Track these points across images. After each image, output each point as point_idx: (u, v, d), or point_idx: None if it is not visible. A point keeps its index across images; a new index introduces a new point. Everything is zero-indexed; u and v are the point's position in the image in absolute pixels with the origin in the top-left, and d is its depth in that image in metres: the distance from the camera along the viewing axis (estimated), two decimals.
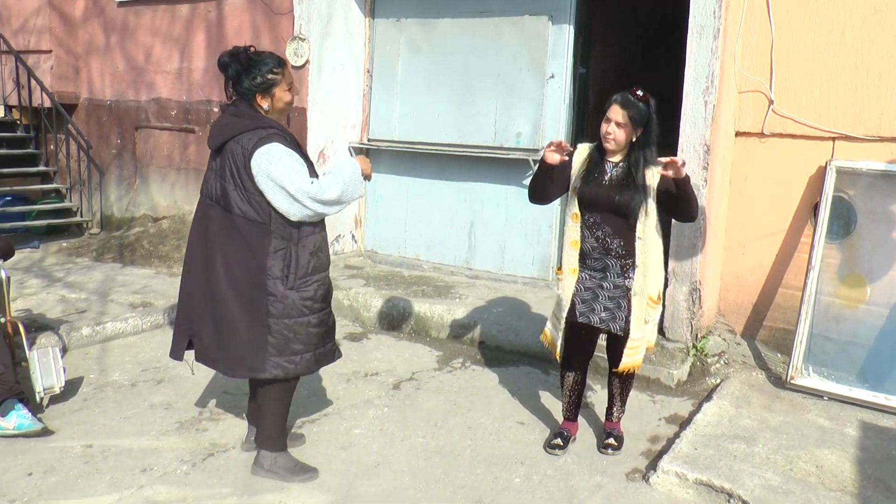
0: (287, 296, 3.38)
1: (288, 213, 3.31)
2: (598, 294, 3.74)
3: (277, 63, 3.39)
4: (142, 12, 8.66)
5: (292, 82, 3.49)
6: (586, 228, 3.73)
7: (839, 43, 4.95)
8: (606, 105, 3.63)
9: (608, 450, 3.93)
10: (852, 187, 4.92)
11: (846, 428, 4.22)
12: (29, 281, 6.71)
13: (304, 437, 3.98)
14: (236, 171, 3.31)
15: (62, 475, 3.55)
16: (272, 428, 3.60)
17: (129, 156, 9.08)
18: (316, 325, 3.49)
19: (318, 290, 3.48)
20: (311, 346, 3.48)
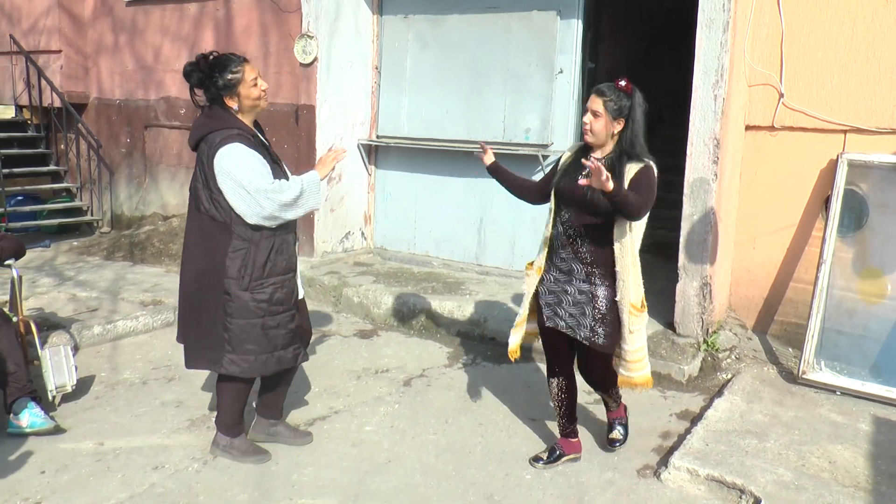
0: (241, 297, 3.45)
1: (244, 215, 3.37)
2: (561, 299, 3.56)
3: (237, 62, 3.44)
4: (150, 11, 8.67)
5: (257, 77, 3.49)
6: (560, 225, 3.55)
7: (850, 34, 4.91)
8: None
9: (615, 444, 3.87)
10: (864, 180, 4.89)
11: (859, 423, 4.19)
12: (41, 280, 6.74)
13: (311, 436, 3.98)
14: (203, 170, 3.42)
15: (74, 473, 3.57)
16: (227, 416, 3.72)
17: (139, 155, 9.11)
18: (273, 328, 3.52)
19: (276, 292, 3.51)
20: (267, 348, 3.53)
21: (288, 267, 3.55)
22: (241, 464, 3.67)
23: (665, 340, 5.10)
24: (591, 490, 3.52)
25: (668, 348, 5.00)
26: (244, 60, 3.48)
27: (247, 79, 3.44)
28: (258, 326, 3.49)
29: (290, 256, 3.57)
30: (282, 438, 3.89)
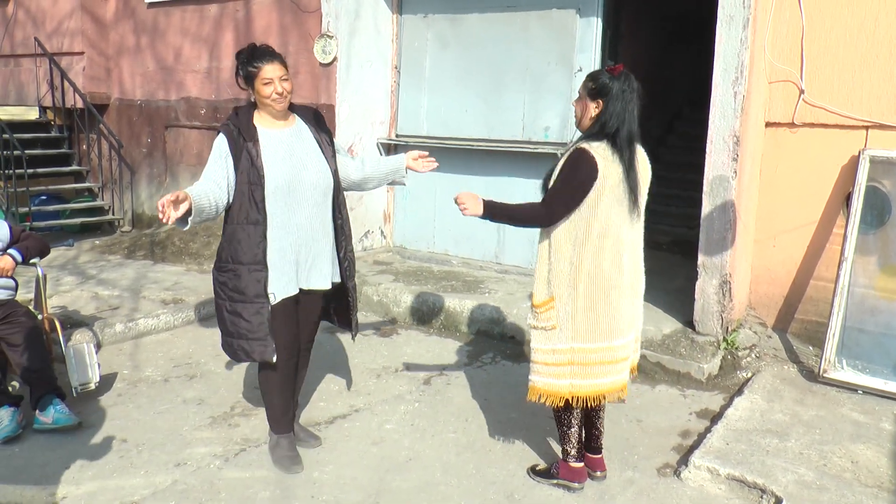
0: (213, 275, 3.61)
1: None
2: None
3: (260, 58, 3.46)
4: (171, 13, 8.75)
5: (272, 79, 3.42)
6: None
7: (873, 29, 4.86)
8: None
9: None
10: (886, 177, 4.84)
11: (882, 423, 4.15)
12: (64, 278, 6.82)
13: (319, 439, 3.93)
14: None
15: (98, 469, 3.61)
16: (266, 408, 3.78)
17: (160, 154, 9.19)
18: (232, 314, 3.54)
19: (232, 279, 3.50)
20: (229, 331, 3.58)
21: (253, 259, 3.45)
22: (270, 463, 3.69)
23: (685, 339, 5.08)
24: (611, 489, 3.52)
25: (688, 346, 4.98)
26: (271, 58, 3.46)
27: (262, 76, 3.44)
28: (222, 308, 3.57)
29: (249, 249, 3.45)
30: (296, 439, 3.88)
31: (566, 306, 3.20)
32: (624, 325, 3.27)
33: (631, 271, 3.28)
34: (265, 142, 3.49)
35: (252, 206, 3.44)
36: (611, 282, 3.19)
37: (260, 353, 3.53)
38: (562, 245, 3.18)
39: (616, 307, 3.22)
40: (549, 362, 3.27)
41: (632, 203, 3.18)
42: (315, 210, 3.58)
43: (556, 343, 3.25)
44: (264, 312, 3.49)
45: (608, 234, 3.16)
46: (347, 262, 3.76)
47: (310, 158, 3.57)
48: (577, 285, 3.18)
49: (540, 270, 3.27)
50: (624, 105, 3.11)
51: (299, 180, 3.50)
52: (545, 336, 3.28)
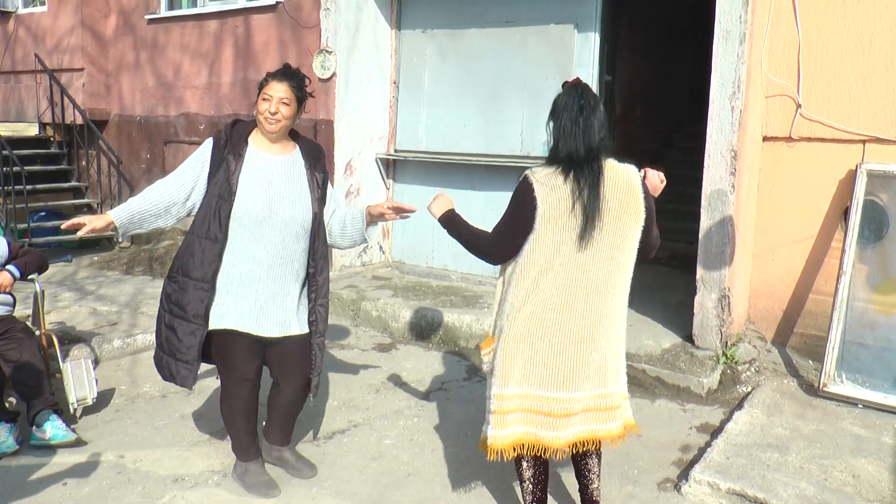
0: (163, 283, 3.47)
1: None
2: None
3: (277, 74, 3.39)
4: (171, 29, 8.80)
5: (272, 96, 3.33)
6: None
7: (868, 45, 4.89)
8: None
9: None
10: (884, 191, 4.85)
11: (883, 437, 4.14)
12: (62, 294, 6.82)
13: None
14: None
15: (95, 485, 3.59)
16: (230, 434, 3.66)
17: (159, 170, 9.20)
18: (167, 326, 3.39)
19: (175, 292, 3.35)
20: (159, 345, 3.46)
21: (201, 276, 3.29)
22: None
23: (684, 353, 5.07)
24: (612, 503, 3.50)
25: (687, 361, 4.97)
26: (283, 77, 3.37)
27: (265, 89, 3.35)
28: (160, 320, 3.42)
29: (205, 265, 3.30)
30: (286, 466, 3.72)
31: (503, 349, 2.85)
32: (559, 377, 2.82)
33: (586, 315, 2.80)
34: (250, 161, 3.35)
35: (215, 221, 3.28)
36: (546, 325, 2.79)
37: (182, 378, 3.38)
38: (508, 282, 2.87)
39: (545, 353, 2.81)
40: (493, 409, 2.87)
41: (586, 230, 2.73)
42: (283, 248, 3.37)
43: (500, 388, 2.86)
44: (198, 335, 3.31)
45: (549, 270, 2.76)
46: (316, 315, 3.50)
47: (291, 193, 3.39)
48: (516, 329, 2.82)
49: (493, 310, 2.98)
50: (571, 119, 2.77)
51: (272, 212, 3.32)
52: (491, 380, 2.92)
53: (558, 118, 2.80)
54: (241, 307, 3.34)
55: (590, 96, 2.81)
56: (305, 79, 3.45)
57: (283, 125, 3.38)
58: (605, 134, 2.83)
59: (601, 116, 2.81)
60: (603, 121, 2.83)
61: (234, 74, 8.27)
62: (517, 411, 2.84)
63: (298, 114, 3.44)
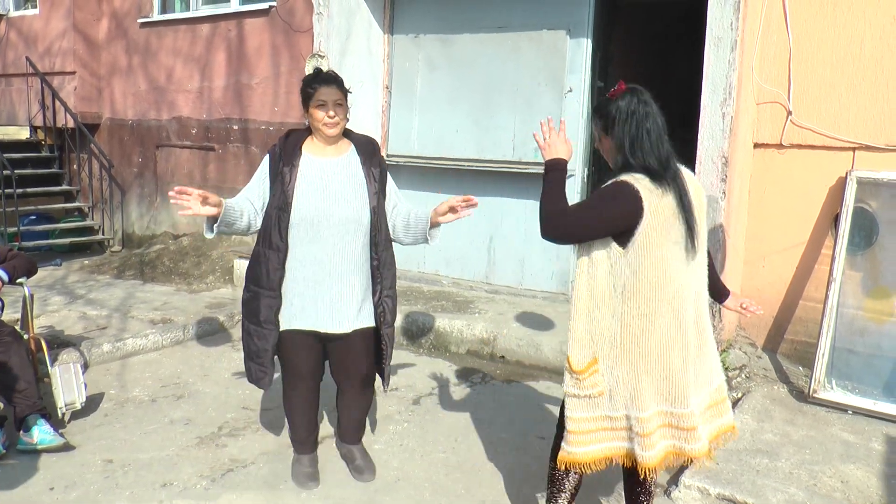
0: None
1: None
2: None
3: (321, 80, 3.39)
4: (163, 33, 8.79)
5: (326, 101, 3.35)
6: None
7: (859, 53, 4.92)
8: None
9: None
10: (874, 198, 4.87)
11: (871, 442, 4.15)
12: (52, 298, 6.79)
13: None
14: None
15: (83, 490, 3.57)
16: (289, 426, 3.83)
17: (151, 174, 9.19)
18: (245, 331, 3.55)
19: (249, 301, 3.50)
20: (243, 348, 3.59)
21: (269, 284, 3.40)
22: (257, 484, 3.66)
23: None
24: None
25: None
26: (329, 81, 3.39)
27: (316, 97, 3.37)
28: (243, 326, 3.57)
29: (271, 274, 3.39)
30: (349, 464, 3.82)
31: (615, 372, 2.65)
32: (688, 390, 2.67)
33: (695, 323, 2.71)
34: (305, 169, 3.41)
35: (276, 231, 3.37)
36: (670, 342, 2.64)
37: (258, 380, 3.52)
38: (604, 297, 2.64)
39: (676, 370, 2.65)
40: (592, 429, 2.70)
41: (690, 241, 2.63)
42: (343, 246, 3.42)
43: (608, 410, 2.68)
44: (270, 339, 3.45)
45: (667, 285, 2.60)
46: (383, 307, 3.57)
47: (347, 192, 3.43)
48: (628, 349, 2.63)
49: (576, 328, 2.69)
50: (638, 125, 2.63)
51: (327, 214, 3.38)
52: (591, 403, 2.69)
53: (622, 126, 2.64)
54: (308, 308, 3.45)
55: (649, 98, 2.72)
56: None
57: (342, 126, 3.46)
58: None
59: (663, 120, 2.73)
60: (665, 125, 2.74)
61: (226, 78, 8.26)
62: (662, 427, 2.69)
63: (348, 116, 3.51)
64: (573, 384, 2.70)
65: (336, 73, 3.51)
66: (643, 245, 2.57)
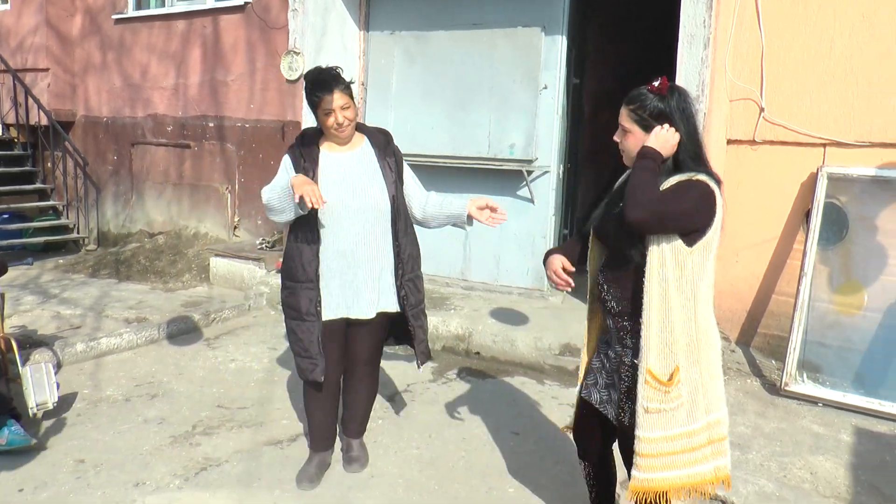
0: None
1: None
2: (604, 363, 2.83)
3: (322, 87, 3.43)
4: (138, 29, 8.72)
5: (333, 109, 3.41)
6: (599, 273, 2.81)
7: (829, 51, 4.97)
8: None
9: None
10: (844, 193, 4.93)
11: (840, 434, 4.21)
12: (24, 298, 6.72)
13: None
14: None
15: (53, 490, 3.54)
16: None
17: (126, 172, 9.12)
18: (289, 330, 3.61)
19: (287, 297, 3.58)
20: (292, 348, 3.62)
21: (305, 277, 3.50)
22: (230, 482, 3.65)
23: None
24: (575, 502, 3.52)
25: None
26: (332, 87, 3.42)
27: (323, 106, 3.43)
28: (287, 325, 3.62)
29: (306, 267, 3.51)
30: (344, 455, 3.89)
31: (692, 375, 2.54)
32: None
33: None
34: (325, 164, 3.51)
35: (306, 225, 3.48)
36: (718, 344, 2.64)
37: (309, 372, 3.55)
38: (677, 299, 2.52)
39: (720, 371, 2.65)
40: (683, 448, 2.55)
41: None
42: (363, 236, 3.52)
43: (689, 423, 2.54)
44: (314, 330, 3.52)
45: (712, 286, 2.61)
46: (405, 290, 3.63)
47: (364, 182, 3.52)
48: (700, 348, 2.55)
49: (653, 338, 2.53)
50: (687, 126, 2.57)
51: (346, 205, 3.48)
52: (672, 418, 2.53)
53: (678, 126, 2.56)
54: (336, 296, 3.55)
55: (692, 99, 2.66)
56: (339, 69, 3.56)
57: (353, 127, 3.54)
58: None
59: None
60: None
61: (202, 75, 8.21)
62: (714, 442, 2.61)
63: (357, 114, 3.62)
64: (659, 398, 2.52)
65: (338, 72, 3.53)
66: (708, 244, 2.53)
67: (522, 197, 6.49)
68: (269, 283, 6.80)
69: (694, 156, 2.57)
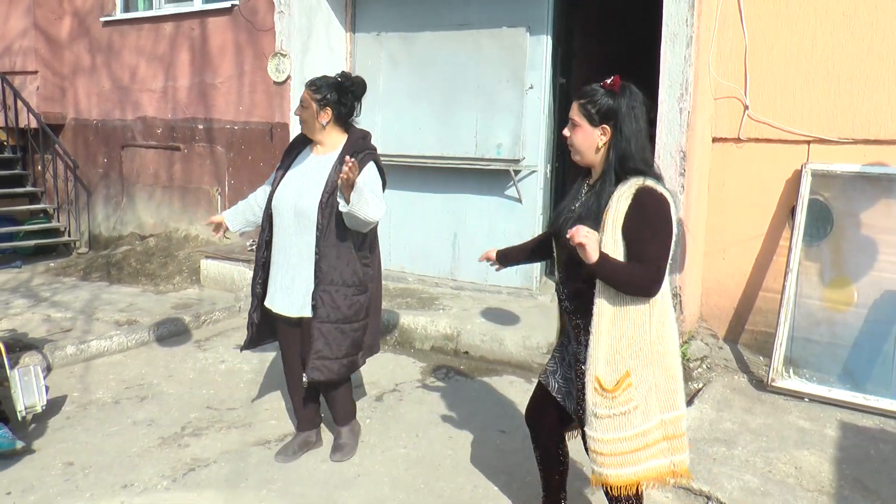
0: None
1: None
2: (564, 356, 2.93)
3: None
4: (126, 32, 8.71)
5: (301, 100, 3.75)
6: (558, 271, 2.86)
7: (811, 49, 5.01)
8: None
9: None
10: (828, 190, 4.97)
11: (826, 429, 4.24)
12: (15, 301, 6.72)
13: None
14: None
15: (42, 493, 3.56)
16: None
17: (116, 175, 9.11)
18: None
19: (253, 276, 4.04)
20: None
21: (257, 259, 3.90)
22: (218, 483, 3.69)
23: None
24: None
25: None
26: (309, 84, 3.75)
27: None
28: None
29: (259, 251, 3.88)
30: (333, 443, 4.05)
31: (646, 378, 2.57)
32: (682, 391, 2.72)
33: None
34: (298, 164, 3.81)
35: (265, 214, 3.81)
36: (676, 345, 2.66)
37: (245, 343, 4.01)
38: (637, 308, 2.54)
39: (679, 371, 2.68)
40: (637, 447, 2.59)
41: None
42: (297, 238, 3.68)
43: (644, 423, 2.58)
44: (252, 307, 3.91)
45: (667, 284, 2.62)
46: (316, 300, 3.63)
47: (308, 187, 3.66)
48: (654, 350, 2.58)
49: (601, 347, 2.56)
50: (637, 125, 2.58)
51: (286, 206, 3.67)
52: (625, 421, 2.57)
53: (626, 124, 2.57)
54: (273, 289, 3.82)
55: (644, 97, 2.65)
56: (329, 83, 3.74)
57: (307, 125, 3.75)
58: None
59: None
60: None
61: (190, 78, 8.22)
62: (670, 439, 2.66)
63: (320, 115, 3.71)
64: (606, 405, 2.56)
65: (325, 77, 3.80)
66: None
67: (510, 196, 6.51)
68: None
69: (639, 157, 2.57)
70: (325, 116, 3.71)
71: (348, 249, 3.67)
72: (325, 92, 3.69)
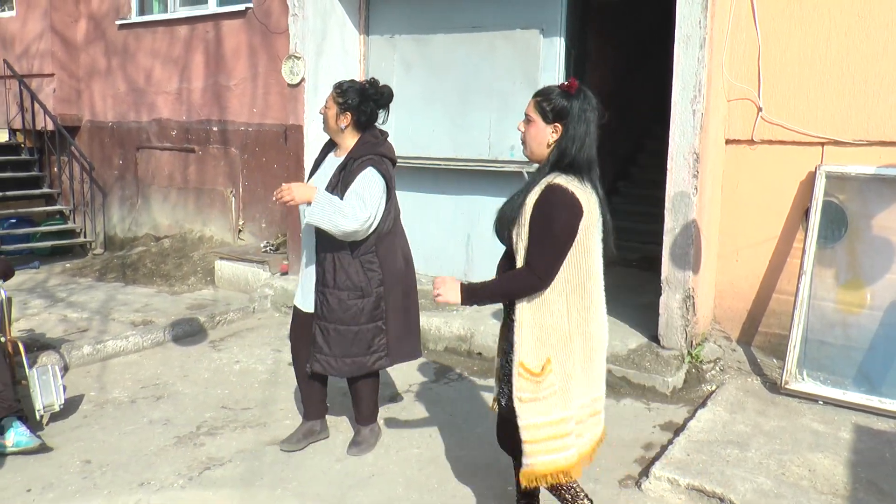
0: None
1: None
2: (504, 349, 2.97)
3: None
4: (142, 35, 8.78)
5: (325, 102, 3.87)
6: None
7: (825, 50, 4.99)
8: None
9: None
10: (842, 191, 4.95)
11: (840, 432, 4.23)
12: (32, 301, 6.79)
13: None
14: None
15: (60, 490, 3.60)
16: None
17: (131, 176, 9.18)
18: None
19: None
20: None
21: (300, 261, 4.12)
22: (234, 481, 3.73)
23: (650, 353, 5.14)
24: None
25: (653, 360, 5.04)
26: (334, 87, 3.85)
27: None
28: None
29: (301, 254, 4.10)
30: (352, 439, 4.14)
31: (564, 365, 2.71)
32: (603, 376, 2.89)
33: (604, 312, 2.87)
34: (322, 167, 3.94)
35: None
36: (600, 333, 2.81)
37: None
38: (554, 298, 2.69)
39: (601, 357, 2.85)
40: (558, 434, 2.72)
41: (608, 236, 2.81)
42: (307, 238, 3.90)
43: (564, 410, 2.72)
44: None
45: (593, 279, 2.75)
46: (317, 299, 3.84)
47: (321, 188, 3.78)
48: (574, 340, 2.72)
49: (526, 333, 2.70)
50: (586, 128, 2.67)
51: (303, 207, 3.73)
52: (548, 405, 2.71)
53: (574, 125, 2.66)
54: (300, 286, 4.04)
55: (597, 103, 2.74)
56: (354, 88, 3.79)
57: (328, 126, 3.86)
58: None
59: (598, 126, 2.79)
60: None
61: (205, 80, 8.27)
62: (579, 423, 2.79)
63: (340, 119, 3.79)
64: (531, 388, 2.69)
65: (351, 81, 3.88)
66: (581, 241, 2.68)
67: None
68: (274, 286, 6.85)
69: (579, 157, 2.67)
70: (344, 120, 3.80)
71: (346, 254, 3.76)
72: (349, 97, 3.77)
